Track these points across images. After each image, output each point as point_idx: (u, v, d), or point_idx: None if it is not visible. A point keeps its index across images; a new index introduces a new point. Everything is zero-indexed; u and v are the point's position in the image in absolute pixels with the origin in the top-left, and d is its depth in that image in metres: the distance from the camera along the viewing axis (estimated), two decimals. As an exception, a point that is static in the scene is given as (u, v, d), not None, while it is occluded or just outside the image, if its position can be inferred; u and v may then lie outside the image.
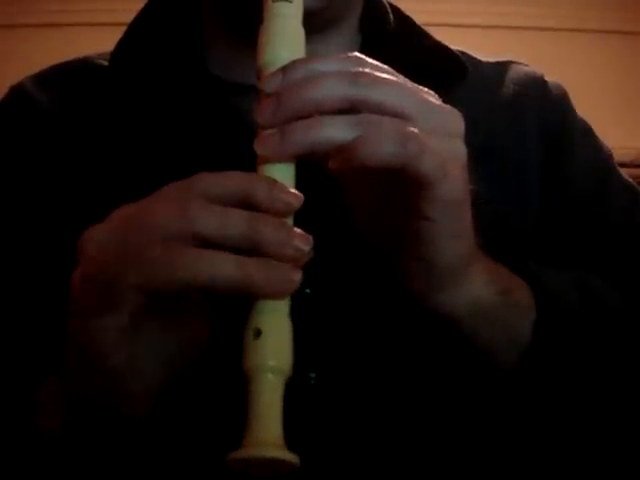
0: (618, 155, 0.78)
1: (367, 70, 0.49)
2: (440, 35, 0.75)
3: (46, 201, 0.67)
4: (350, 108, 0.49)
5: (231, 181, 0.48)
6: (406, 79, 0.51)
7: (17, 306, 0.65)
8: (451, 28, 1.94)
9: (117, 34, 0.74)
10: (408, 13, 0.76)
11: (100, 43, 0.77)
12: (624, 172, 0.76)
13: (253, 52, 0.53)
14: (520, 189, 0.69)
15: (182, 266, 0.45)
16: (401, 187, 0.49)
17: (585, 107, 0.77)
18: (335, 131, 0.48)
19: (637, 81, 2.36)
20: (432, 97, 0.51)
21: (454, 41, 0.76)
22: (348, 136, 0.47)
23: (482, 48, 0.79)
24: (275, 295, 0.47)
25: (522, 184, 0.70)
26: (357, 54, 0.51)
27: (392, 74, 0.50)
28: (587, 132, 0.76)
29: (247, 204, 0.47)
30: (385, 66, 0.51)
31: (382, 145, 0.47)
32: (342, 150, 0.48)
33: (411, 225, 0.51)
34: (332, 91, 0.49)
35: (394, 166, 0.47)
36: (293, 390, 0.47)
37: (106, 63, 0.73)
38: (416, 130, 0.48)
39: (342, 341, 0.62)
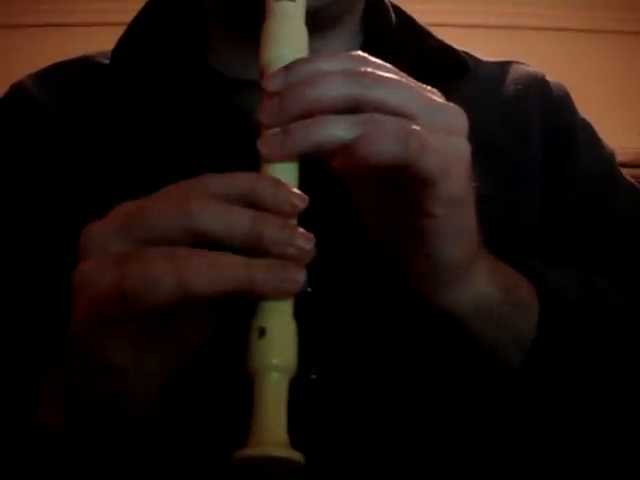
0: (618, 155, 0.78)
1: (370, 69, 0.49)
2: (440, 35, 0.76)
3: (46, 199, 0.67)
4: (353, 107, 0.49)
5: (236, 181, 0.47)
6: (409, 77, 0.51)
7: (18, 302, 0.65)
8: (451, 28, 1.93)
9: (117, 34, 0.74)
10: (409, 13, 0.76)
11: (100, 43, 0.77)
12: (624, 172, 0.77)
13: (255, 49, 0.53)
14: (522, 188, 0.69)
15: (186, 277, 0.44)
16: (405, 185, 0.49)
17: (585, 107, 0.77)
18: (338, 130, 0.48)
19: (637, 81, 2.36)
20: (435, 95, 0.51)
21: (454, 41, 0.76)
22: (351, 135, 0.47)
23: (482, 48, 0.79)
24: (279, 296, 0.46)
25: (524, 183, 0.70)
26: (360, 53, 0.51)
27: (395, 73, 0.50)
28: (589, 131, 0.76)
29: (251, 204, 0.47)
30: (388, 65, 0.51)
31: (384, 143, 0.47)
32: (345, 149, 0.47)
33: (415, 223, 0.51)
34: (335, 90, 0.48)
35: (396, 164, 0.47)
36: (294, 389, 0.47)
37: (106, 61, 0.73)
38: (418, 128, 0.48)
39: (344, 340, 0.62)
